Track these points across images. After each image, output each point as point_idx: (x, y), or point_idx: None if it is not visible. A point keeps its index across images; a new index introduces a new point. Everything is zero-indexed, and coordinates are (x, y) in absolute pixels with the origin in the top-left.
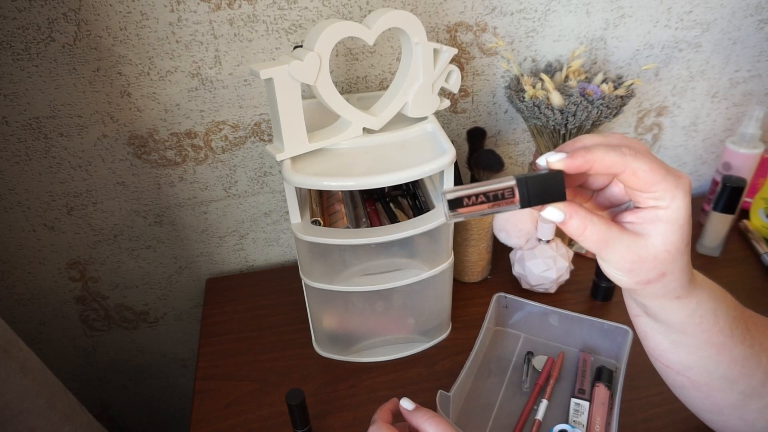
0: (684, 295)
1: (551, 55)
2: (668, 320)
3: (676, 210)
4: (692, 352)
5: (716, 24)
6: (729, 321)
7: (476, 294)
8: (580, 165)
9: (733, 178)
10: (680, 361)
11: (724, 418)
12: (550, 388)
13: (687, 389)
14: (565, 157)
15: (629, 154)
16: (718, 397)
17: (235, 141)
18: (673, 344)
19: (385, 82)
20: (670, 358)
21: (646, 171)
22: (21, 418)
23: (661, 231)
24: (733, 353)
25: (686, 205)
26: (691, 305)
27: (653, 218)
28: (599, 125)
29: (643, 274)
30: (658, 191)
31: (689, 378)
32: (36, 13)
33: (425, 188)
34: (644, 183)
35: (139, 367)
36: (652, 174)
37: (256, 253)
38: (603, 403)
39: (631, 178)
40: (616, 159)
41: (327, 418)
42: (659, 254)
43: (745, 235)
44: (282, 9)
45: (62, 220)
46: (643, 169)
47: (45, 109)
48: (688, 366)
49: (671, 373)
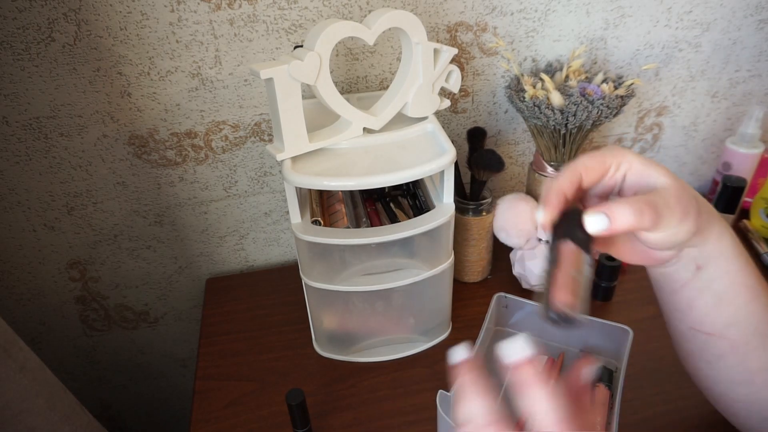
0: (718, 218)
1: (551, 55)
2: (718, 259)
3: (638, 157)
4: (732, 302)
5: (716, 24)
6: (753, 267)
7: (476, 294)
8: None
9: (733, 178)
10: (722, 320)
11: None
12: None
13: (725, 357)
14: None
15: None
16: (753, 360)
17: (235, 141)
18: (717, 298)
19: (385, 82)
20: (714, 321)
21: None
22: (21, 418)
23: (653, 172)
24: (762, 301)
25: (633, 152)
26: (727, 236)
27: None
28: (599, 125)
29: (691, 206)
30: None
31: (729, 339)
32: (36, 13)
33: (425, 188)
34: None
35: (139, 367)
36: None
37: (256, 253)
38: (603, 403)
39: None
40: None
41: (327, 418)
42: (676, 184)
43: (745, 234)
44: (282, 9)
45: (62, 220)
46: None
47: (45, 109)
48: (729, 322)
49: (712, 341)
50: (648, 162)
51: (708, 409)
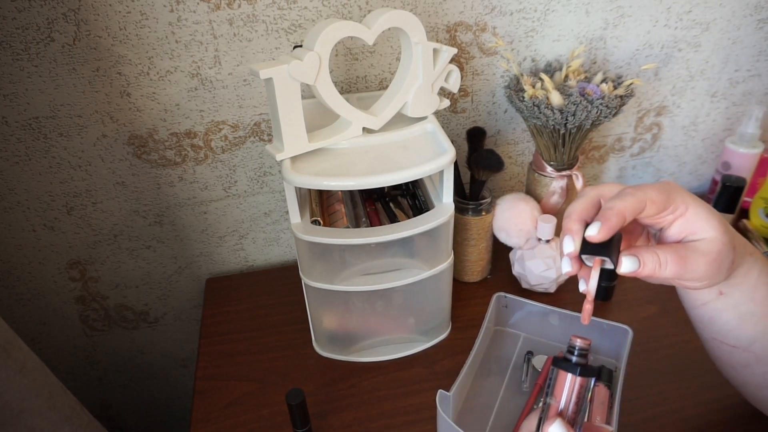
0: (753, 252)
1: (551, 55)
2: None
3: (698, 207)
4: (758, 322)
5: (716, 24)
6: None
7: (476, 294)
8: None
9: (732, 178)
10: (747, 336)
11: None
12: None
13: (751, 366)
14: (600, 225)
15: (636, 192)
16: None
17: (234, 141)
18: (740, 318)
19: (384, 81)
20: (738, 336)
21: (656, 193)
22: (21, 418)
23: (704, 224)
24: None
25: (692, 195)
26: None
27: (692, 226)
28: (599, 125)
29: (727, 262)
30: (672, 203)
31: (754, 353)
32: (35, 13)
33: (425, 188)
34: (661, 204)
35: (139, 367)
36: (660, 193)
37: (256, 253)
38: (603, 403)
39: (651, 207)
40: (636, 203)
41: (327, 418)
42: (723, 239)
43: (744, 234)
44: (282, 9)
45: (62, 220)
46: (652, 194)
47: (44, 109)
48: (754, 339)
49: (737, 352)
50: (703, 214)
51: (708, 409)
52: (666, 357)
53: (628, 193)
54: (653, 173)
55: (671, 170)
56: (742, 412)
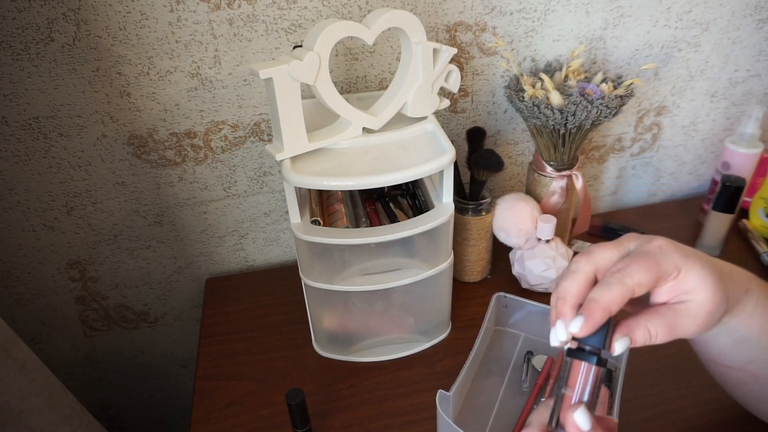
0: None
1: (551, 55)
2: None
3: (690, 267)
4: (753, 345)
5: (715, 24)
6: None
7: (476, 294)
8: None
9: (732, 178)
10: (742, 358)
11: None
12: (550, 388)
13: (748, 384)
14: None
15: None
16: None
17: (234, 141)
18: (735, 342)
19: (384, 81)
20: (734, 358)
21: (645, 275)
22: (21, 418)
23: (696, 285)
24: None
25: (683, 253)
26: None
27: (683, 287)
28: (599, 125)
29: (718, 315)
30: (663, 276)
31: (751, 373)
32: (35, 13)
33: (425, 188)
34: (652, 283)
35: (139, 367)
36: (649, 272)
37: (255, 253)
38: (603, 403)
39: (640, 290)
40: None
41: (327, 418)
42: (715, 298)
43: (744, 234)
44: (281, 9)
45: (62, 220)
46: (640, 277)
47: (44, 109)
48: (750, 360)
49: (732, 372)
50: (695, 275)
51: (708, 409)
52: (666, 357)
53: (617, 281)
54: (653, 173)
55: (671, 170)
56: (742, 412)
